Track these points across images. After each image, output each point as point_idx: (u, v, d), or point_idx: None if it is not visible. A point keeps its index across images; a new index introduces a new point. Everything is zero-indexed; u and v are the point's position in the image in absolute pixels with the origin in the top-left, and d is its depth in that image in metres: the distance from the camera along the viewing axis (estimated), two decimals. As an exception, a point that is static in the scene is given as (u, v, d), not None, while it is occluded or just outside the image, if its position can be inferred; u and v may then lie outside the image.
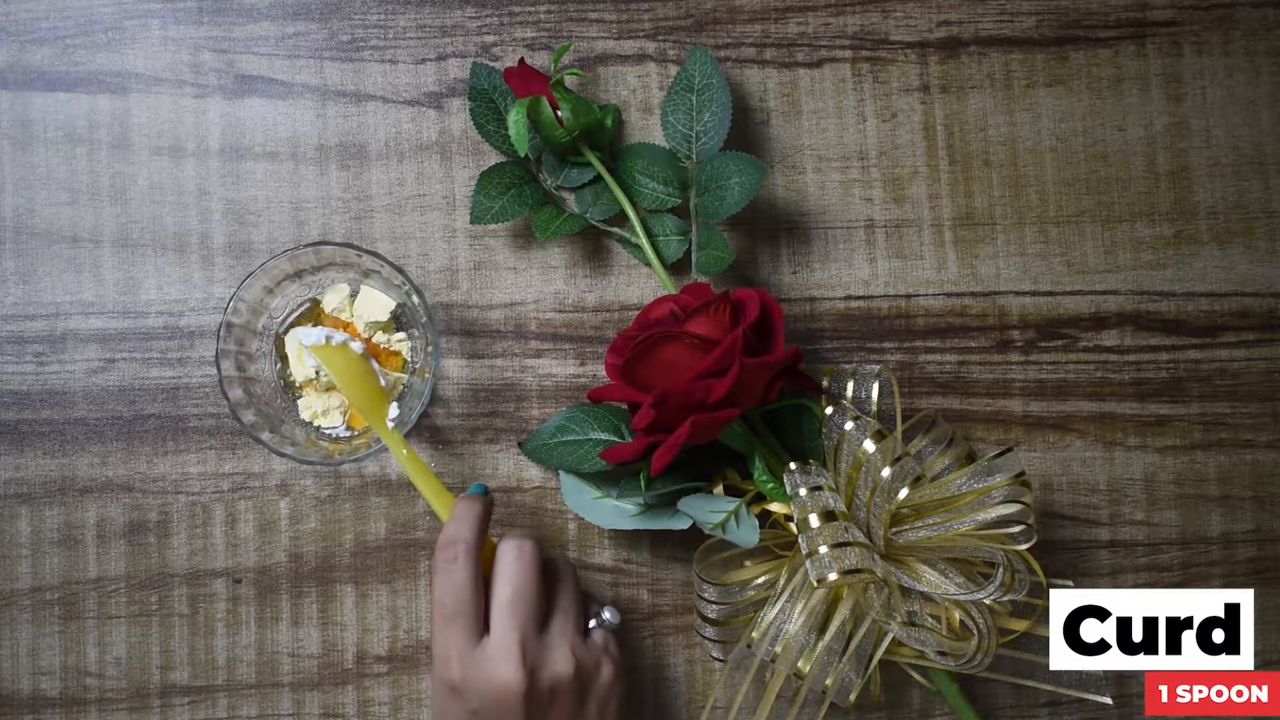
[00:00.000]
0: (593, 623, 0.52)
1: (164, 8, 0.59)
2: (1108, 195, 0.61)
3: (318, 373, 0.55)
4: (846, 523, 0.51)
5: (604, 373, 0.58)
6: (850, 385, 0.55)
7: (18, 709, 0.57)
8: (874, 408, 0.55)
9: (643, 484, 0.53)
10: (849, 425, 0.52)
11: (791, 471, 0.53)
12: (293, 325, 0.56)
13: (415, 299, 0.53)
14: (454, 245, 0.59)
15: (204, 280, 0.58)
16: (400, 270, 0.53)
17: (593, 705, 0.49)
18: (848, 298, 0.60)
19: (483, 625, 0.48)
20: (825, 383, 0.55)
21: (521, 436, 0.58)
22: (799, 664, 0.52)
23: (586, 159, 0.57)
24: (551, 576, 0.52)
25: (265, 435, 0.53)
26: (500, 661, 0.47)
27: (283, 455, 0.52)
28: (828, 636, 0.52)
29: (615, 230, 0.58)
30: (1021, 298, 0.61)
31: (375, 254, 0.53)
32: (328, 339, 0.53)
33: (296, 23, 0.59)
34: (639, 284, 0.60)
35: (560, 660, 0.48)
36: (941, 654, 0.52)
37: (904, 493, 0.50)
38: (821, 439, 0.54)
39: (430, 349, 0.53)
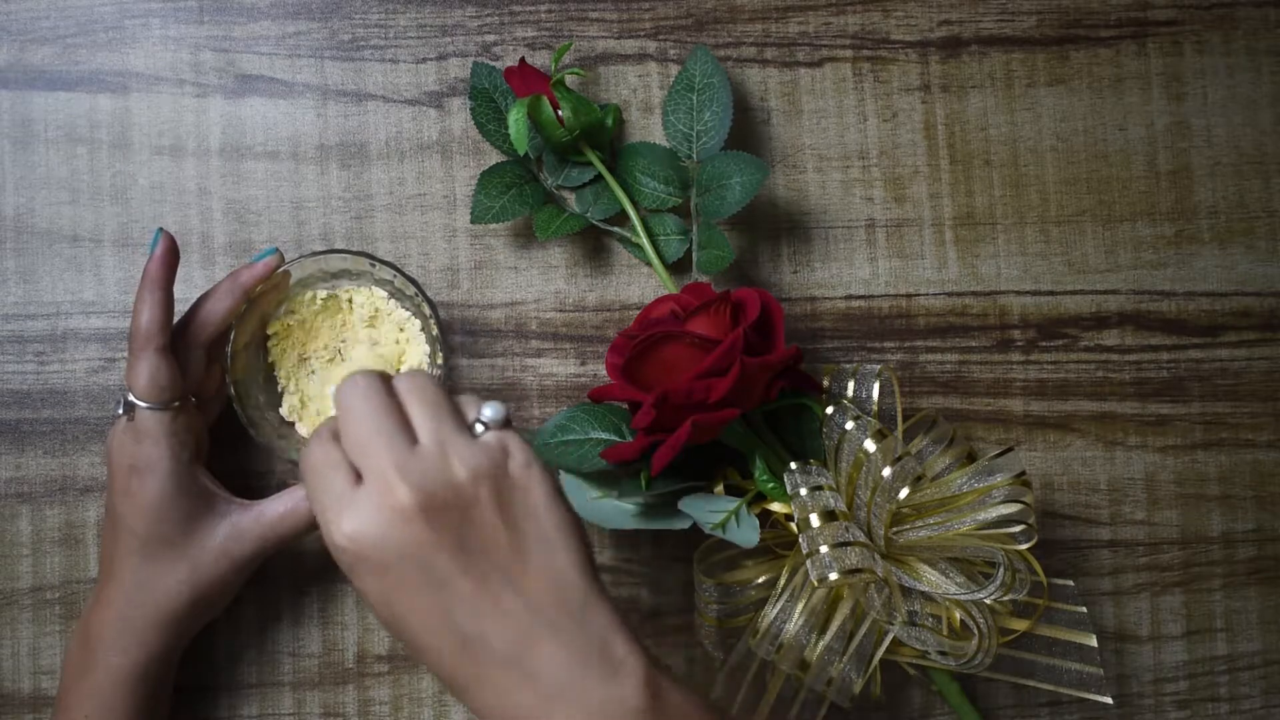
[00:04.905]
0: (477, 429, 0.42)
1: (164, 7, 0.59)
2: (1108, 195, 0.61)
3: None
4: (847, 522, 0.51)
5: (605, 372, 0.58)
6: (851, 385, 0.55)
7: (18, 709, 0.57)
8: (874, 407, 0.54)
9: (643, 484, 0.53)
10: (850, 425, 0.52)
11: (792, 471, 0.53)
12: None
13: (427, 309, 0.53)
14: (454, 245, 0.59)
15: (205, 280, 0.58)
16: (413, 281, 0.52)
17: (517, 504, 0.41)
18: (848, 297, 0.60)
19: (354, 474, 0.41)
20: (826, 382, 0.55)
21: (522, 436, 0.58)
22: (799, 664, 0.52)
23: (587, 158, 0.57)
24: (401, 394, 0.43)
25: (273, 439, 0.53)
26: (383, 492, 0.40)
27: (286, 459, 0.52)
28: (828, 636, 0.52)
29: (616, 230, 0.58)
30: (1022, 297, 0.61)
31: (391, 264, 0.53)
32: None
33: (297, 22, 0.59)
34: (639, 283, 0.60)
35: (455, 463, 0.40)
36: (942, 654, 0.52)
37: (905, 492, 0.50)
38: (822, 439, 0.54)
39: (440, 362, 0.53)
